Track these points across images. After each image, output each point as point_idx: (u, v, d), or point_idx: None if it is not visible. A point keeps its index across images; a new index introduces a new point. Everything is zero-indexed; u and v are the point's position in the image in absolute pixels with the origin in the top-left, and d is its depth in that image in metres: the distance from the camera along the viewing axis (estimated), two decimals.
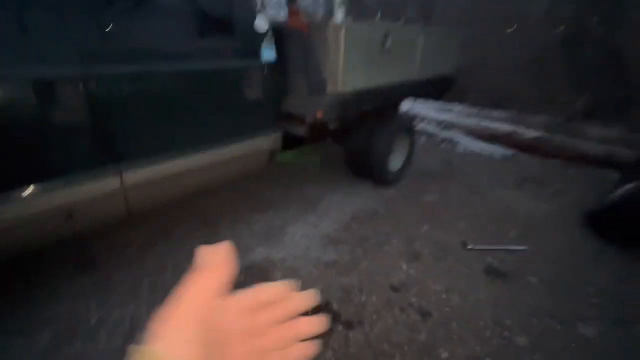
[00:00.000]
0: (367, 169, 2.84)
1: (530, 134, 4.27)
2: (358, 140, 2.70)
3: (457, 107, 5.44)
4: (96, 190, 1.29)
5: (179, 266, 1.86)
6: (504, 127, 4.58)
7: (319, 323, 0.30)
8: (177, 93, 1.53)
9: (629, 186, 2.34)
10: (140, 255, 1.95)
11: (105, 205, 1.36)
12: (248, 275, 1.86)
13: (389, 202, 2.73)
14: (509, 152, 4.09)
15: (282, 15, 1.88)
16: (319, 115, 1.89)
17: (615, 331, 1.58)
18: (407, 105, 3.94)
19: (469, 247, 2.16)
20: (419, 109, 5.32)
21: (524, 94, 4.92)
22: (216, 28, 1.61)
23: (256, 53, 1.71)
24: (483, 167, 3.67)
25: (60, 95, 1.16)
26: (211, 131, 1.65)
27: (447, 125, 4.85)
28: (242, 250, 2.05)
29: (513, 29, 4.98)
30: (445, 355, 1.43)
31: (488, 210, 2.67)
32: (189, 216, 2.35)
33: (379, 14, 5.61)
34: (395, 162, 2.97)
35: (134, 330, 1.48)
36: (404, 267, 1.99)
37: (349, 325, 1.56)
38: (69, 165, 1.25)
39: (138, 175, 1.40)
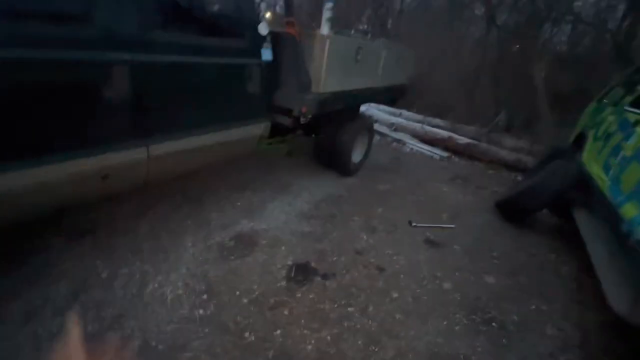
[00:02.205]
0: (333, 159, 3.29)
1: (462, 140, 5.13)
2: (328, 134, 3.13)
3: (405, 112, 6.19)
4: (126, 158, 1.52)
5: (173, 232, 2.11)
6: (442, 133, 5.40)
7: None
8: (190, 83, 1.79)
9: (523, 184, 3.16)
10: (132, 225, 2.14)
11: (132, 171, 1.58)
12: (237, 242, 2.17)
13: (351, 189, 3.22)
14: (445, 154, 4.90)
15: (280, 22, 2.22)
16: (304, 109, 2.27)
17: (507, 279, 2.25)
18: (365, 108, 4.52)
19: (413, 224, 2.74)
20: (374, 112, 5.95)
21: (459, 107, 5.84)
22: (228, 30, 1.89)
23: (257, 53, 2.03)
24: (424, 165, 4.38)
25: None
26: (217, 116, 1.93)
27: (397, 128, 5.54)
28: (228, 222, 2.35)
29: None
30: (395, 295, 1.94)
31: (427, 198, 3.31)
32: (171, 195, 2.54)
33: (352, 30, 6.09)
34: (356, 155, 3.47)
35: (145, 280, 1.73)
36: (364, 237, 2.48)
37: (324, 277, 1.99)
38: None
39: (160, 148, 1.64)
